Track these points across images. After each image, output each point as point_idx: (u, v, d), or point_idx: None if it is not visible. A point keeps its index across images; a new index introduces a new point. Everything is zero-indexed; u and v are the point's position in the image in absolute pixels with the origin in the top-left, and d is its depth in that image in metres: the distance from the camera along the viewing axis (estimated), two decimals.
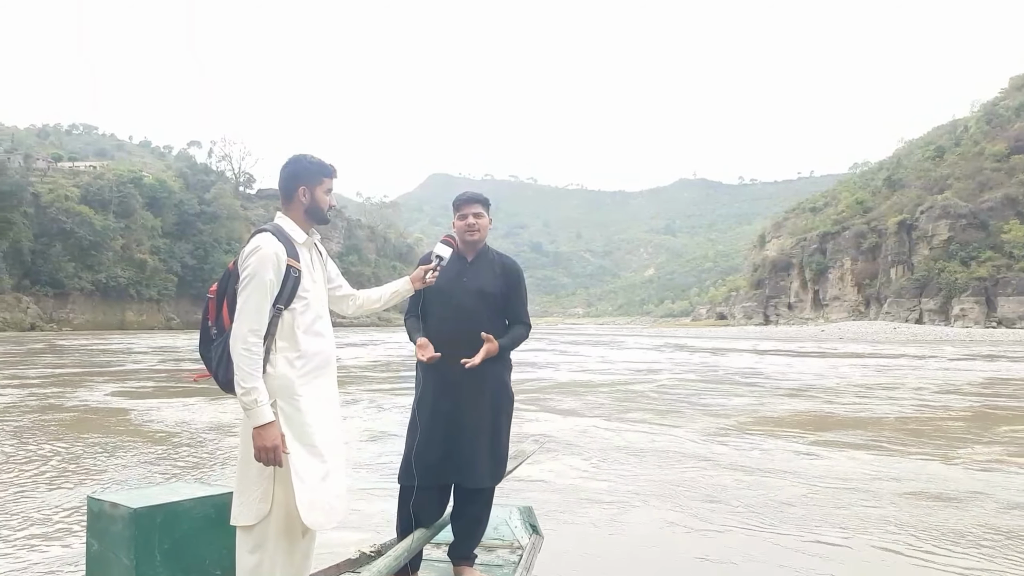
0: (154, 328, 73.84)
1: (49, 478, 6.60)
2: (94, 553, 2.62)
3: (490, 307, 3.14)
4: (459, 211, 3.22)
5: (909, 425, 10.34)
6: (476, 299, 3.11)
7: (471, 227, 3.17)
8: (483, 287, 3.13)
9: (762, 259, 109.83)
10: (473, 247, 3.21)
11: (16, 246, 66.59)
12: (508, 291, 3.20)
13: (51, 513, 5.40)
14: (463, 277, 3.12)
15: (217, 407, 11.61)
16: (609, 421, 10.54)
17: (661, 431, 9.63)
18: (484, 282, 3.15)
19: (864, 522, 5.28)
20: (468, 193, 3.28)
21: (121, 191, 79.66)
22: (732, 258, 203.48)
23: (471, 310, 3.08)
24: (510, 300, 3.21)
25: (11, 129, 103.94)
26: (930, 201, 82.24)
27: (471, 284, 3.12)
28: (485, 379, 3.07)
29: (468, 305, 3.09)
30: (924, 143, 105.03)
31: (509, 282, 3.21)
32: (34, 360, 24.53)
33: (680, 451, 8.14)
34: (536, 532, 3.77)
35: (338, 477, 2.52)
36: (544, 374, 19.67)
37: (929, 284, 77.12)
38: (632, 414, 11.45)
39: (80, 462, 7.32)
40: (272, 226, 2.53)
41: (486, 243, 3.28)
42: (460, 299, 3.09)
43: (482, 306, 3.11)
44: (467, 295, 3.10)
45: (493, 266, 3.22)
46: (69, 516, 5.29)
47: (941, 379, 18.49)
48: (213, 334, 2.49)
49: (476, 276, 3.15)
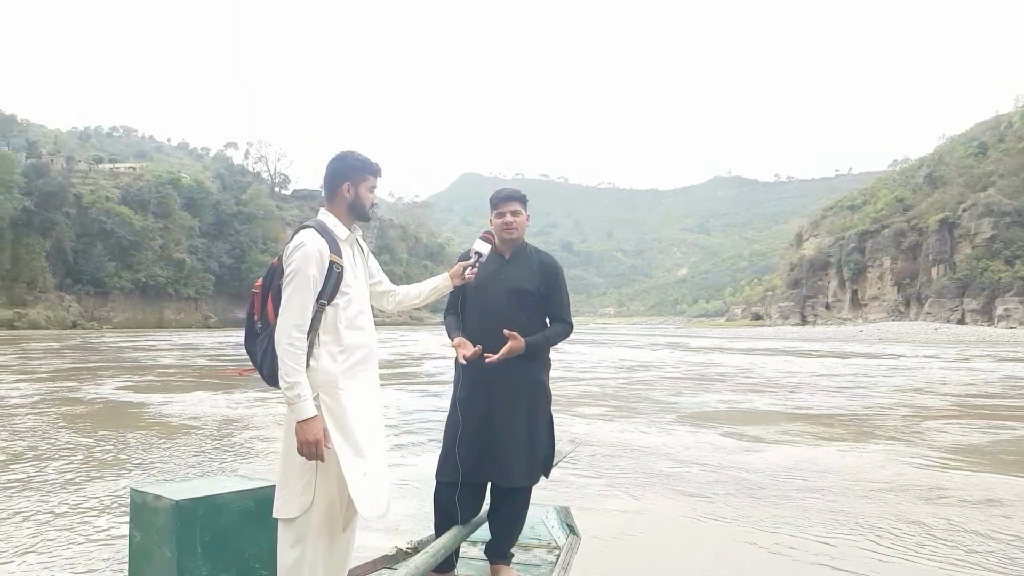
0: (192, 326, 75.03)
1: (84, 470, 6.72)
2: (136, 544, 2.65)
3: (527, 305, 3.12)
4: (496, 209, 3.19)
5: (835, 419, 10.96)
6: (513, 297, 3.09)
7: (508, 225, 3.14)
8: (521, 285, 3.12)
9: (799, 258, 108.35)
10: (511, 245, 3.19)
11: (59, 246, 68.12)
12: (547, 289, 3.17)
13: (93, 504, 5.50)
14: (500, 275, 3.10)
15: (228, 399, 12.10)
16: (559, 416, 10.84)
17: (602, 424, 10.08)
18: (522, 279, 3.13)
19: (733, 507, 5.69)
20: (506, 190, 3.25)
21: (160, 192, 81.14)
22: (768, 257, 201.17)
23: (508, 308, 3.07)
24: (550, 298, 3.19)
25: (54, 132, 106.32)
26: (972, 199, 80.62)
27: (508, 282, 3.11)
28: (520, 378, 3.06)
29: (505, 303, 3.08)
30: (966, 139, 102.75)
31: (547, 279, 3.18)
32: (63, 355, 25.07)
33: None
34: (573, 532, 3.74)
35: (381, 471, 2.52)
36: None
37: (971, 284, 75.58)
38: (581, 408, 11.90)
39: (113, 455, 7.45)
40: (315, 222, 2.55)
41: (524, 240, 3.25)
42: (497, 296, 3.08)
43: (519, 304, 3.10)
44: (504, 293, 3.09)
45: (531, 263, 3.19)
46: (110, 507, 5.37)
47: (927, 378, 18.48)
48: (258, 329, 2.52)
49: (514, 274, 3.13)
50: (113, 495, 5.76)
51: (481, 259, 2.98)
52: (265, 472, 6.50)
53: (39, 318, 60.46)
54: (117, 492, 5.80)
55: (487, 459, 3.03)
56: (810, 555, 4.50)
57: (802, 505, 5.72)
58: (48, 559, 4.28)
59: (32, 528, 4.91)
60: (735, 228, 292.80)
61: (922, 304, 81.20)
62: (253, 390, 13.52)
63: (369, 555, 3.27)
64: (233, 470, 6.78)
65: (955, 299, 76.71)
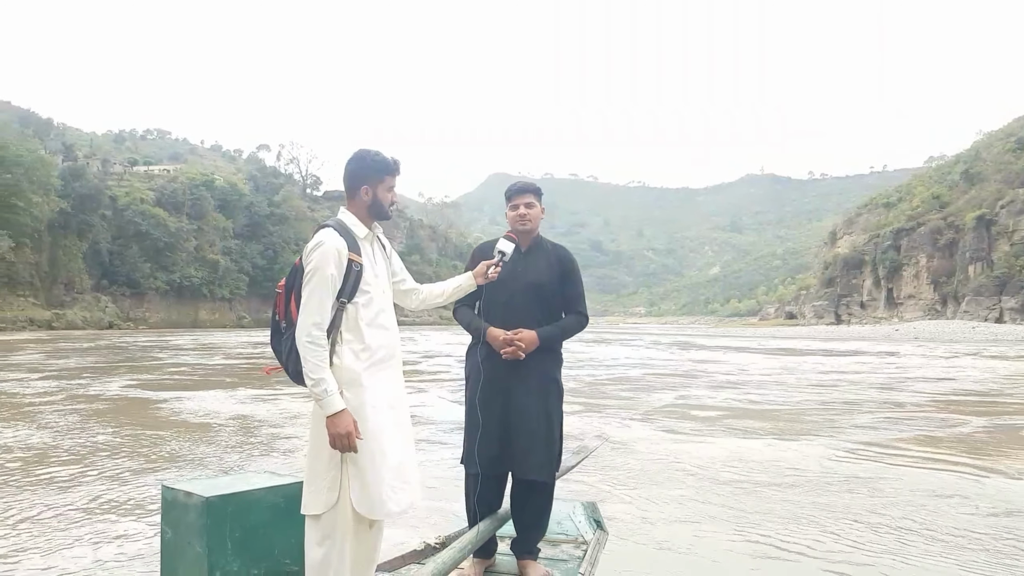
0: (226, 326, 75.94)
1: (111, 466, 6.83)
2: (168, 540, 2.69)
3: (544, 297, 3.15)
4: (511, 201, 3.23)
5: (779, 414, 11.54)
6: (531, 290, 3.12)
7: (523, 217, 3.17)
8: (538, 278, 3.15)
9: (833, 256, 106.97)
10: (526, 237, 3.21)
11: (95, 247, 69.38)
12: (563, 281, 3.20)
13: (120, 501, 5.59)
14: (518, 268, 3.12)
15: (233, 396, 12.52)
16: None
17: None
18: (539, 272, 3.16)
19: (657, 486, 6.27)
20: (520, 183, 3.29)
21: (194, 194, 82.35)
22: (801, 256, 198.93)
23: (526, 301, 3.11)
24: (565, 290, 3.21)
25: (90, 135, 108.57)
26: (1011, 195, 79.02)
27: (526, 275, 3.13)
28: (532, 371, 3.07)
29: (522, 296, 3.11)
30: (1004, 135, 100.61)
31: (564, 272, 3.21)
32: (89, 353, 25.53)
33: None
34: (601, 528, 3.74)
35: (405, 468, 2.54)
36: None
37: (1010, 282, 74.05)
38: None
39: (130, 450, 7.57)
40: (334, 221, 2.58)
41: (539, 234, 3.28)
42: (515, 290, 3.11)
43: (537, 297, 3.13)
44: (522, 286, 3.12)
45: (548, 256, 3.22)
46: (139, 504, 5.46)
47: (904, 375, 18.92)
48: (282, 327, 2.55)
49: (531, 267, 3.16)
50: (142, 493, 5.85)
51: (505, 258, 3.01)
52: (280, 467, 6.59)
53: (76, 319, 61.58)
54: (144, 489, 5.89)
55: (506, 451, 3.05)
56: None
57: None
58: (80, 554, 4.35)
59: (61, 525, 5.00)
60: (768, 226, 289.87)
61: (959, 303, 79.74)
62: (263, 388, 13.83)
63: (398, 550, 3.29)
64: (241, 467, 6.88)
65: (993, 297, 75.24)
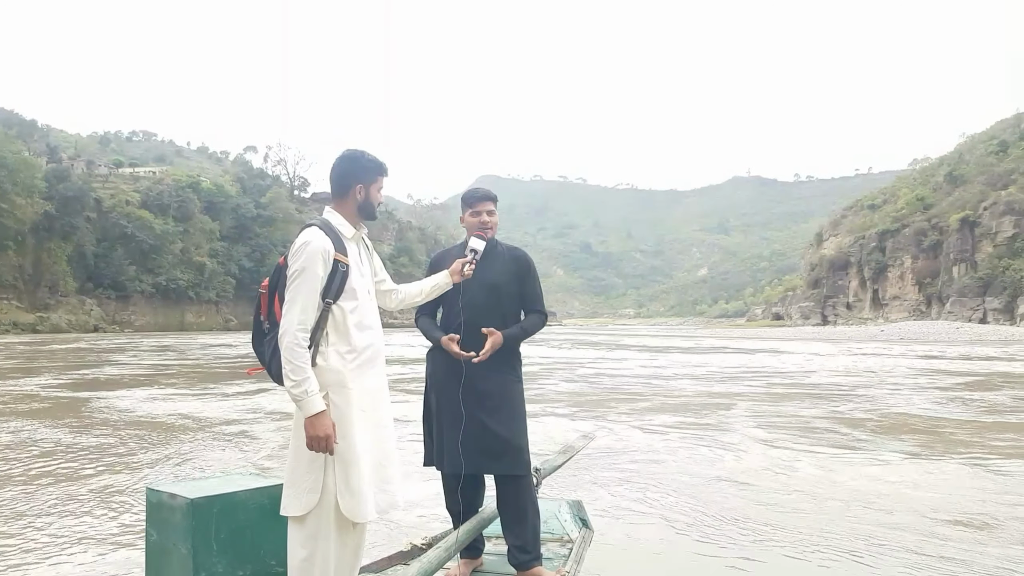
0: (212, 329, 75.60)
1: (92, 467, 6.80)
2: (153, 542, 2.68)
3: (503, 299, 3.20)
4: (472, 208, 3.27)
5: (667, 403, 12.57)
6: (488, 292, 3.17)
7: (485, 224, 3.23)
8: (495, 280, 3.19)
9: (819, 258, 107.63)
10: None
11: (80, 250, 68.84)
12: (520, 281, 3.26)
13: (101, 501, 5.56)
14: (477, 271, 3.16)
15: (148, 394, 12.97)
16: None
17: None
18: (496, 275, 3.21)
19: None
20: (481, 190, 3.34)
21: (180, 196, 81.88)
22: (788, 257, 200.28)
23: (483, 303, 3.15)
24: (524, 290, 3.27)
25: (74, 137, 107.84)
26: (994, 197, 79.79)
27: (483, 278, 3.17)
28: (495, 370, 3.10)
29: (480, 299, 3.15)
30: (987, 137, 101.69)
31: (520, 272, 3.27)
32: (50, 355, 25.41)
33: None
34: (586, 526, 3.76)
35: (389, 469, 2.55)
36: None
37: (993, 283, 74.76)
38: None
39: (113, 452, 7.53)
40: (320, 221, 2.57)
41: (494, 237, 3.33)
42: (473, 293, 3.15)
43: (494, 299, 3.18)
44: (480, 289, 3.16)
45: (504, 258, 3.27)
46: (119, 503, 5.44)
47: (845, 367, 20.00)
48: (265, 328, 2.55)
49: (488, 269, 3.19)
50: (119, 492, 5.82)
51: (477, 256, 3.08)
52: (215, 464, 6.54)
53: (61, 322, 61.15)
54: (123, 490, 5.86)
55: (476, 450, 3.06)
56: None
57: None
58: (64, 559, 4.33)
59: (38, 528, 4.97)
60: (755, 228, 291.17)
61: (943, 303, 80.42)
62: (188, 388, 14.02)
63: (384, 551, 3.30)
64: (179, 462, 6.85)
65: (977, 298, 75.93)
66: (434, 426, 3.16)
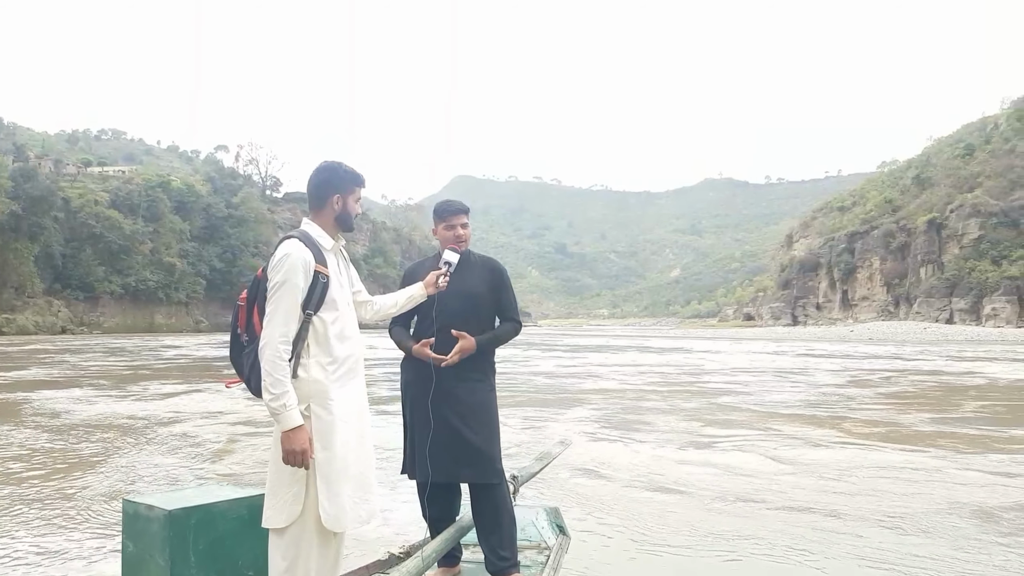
0: (183, 330, 74.73)
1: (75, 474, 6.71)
2: (129, 554, 2.65)
3: (477, 309, 3.21)
4: (446, 221, 3.28)
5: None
6: (463, 302, 3.18)
7: (459, 238, 3.25)
8: (470, 290, 3.20)
9: (789, 259, 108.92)
10: None
11: (47, 250, 67.67)
12: (495, 291, 3.28)
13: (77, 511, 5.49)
14: (452, 282, 3.17)
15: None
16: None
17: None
18: (470, 285, 3.22)
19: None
20: (454, 204, 3.35)
21: (150, 195, 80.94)
22: (759, 258, 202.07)
23: (458, 313, 3.15)
24: (499, 299, 3.29)
25: (41, 135, 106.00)
26: (960, 199, 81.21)
27: (459, 288, 3.18)
28: (468, 377, 3.12)
29: (455, 308, 3.15)
30: (954, 141, 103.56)
31: (495, 282, 3.29)
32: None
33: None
34: (563, 532, 3.78)
35: (369, 479, 2.55)
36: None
37: (960, 284, 76.09)
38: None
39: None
40: (299, 233, 2.56)
41: (468, 248, 3.36)
42: (448, 303, 3.15)
43: (469, 308, 3.18)
44: (455, 299, 3.16)
45: (477, 269, 3.29)
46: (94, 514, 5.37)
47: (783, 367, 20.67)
48: (244, 341, 2.52)
49: (462, 280, 3.20)
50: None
51: (451, 268, 3.09)
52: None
53: (28, 323, 60.08)
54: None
55: (449, 459, 3.06)
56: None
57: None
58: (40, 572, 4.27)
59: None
60: (726, 229, 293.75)
61: (911, 304, 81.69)
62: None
63: (362, 561, 3.30)
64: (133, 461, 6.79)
65: (944, 299, 77.22)
66: (411, 435, 3.17)
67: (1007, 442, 8.70)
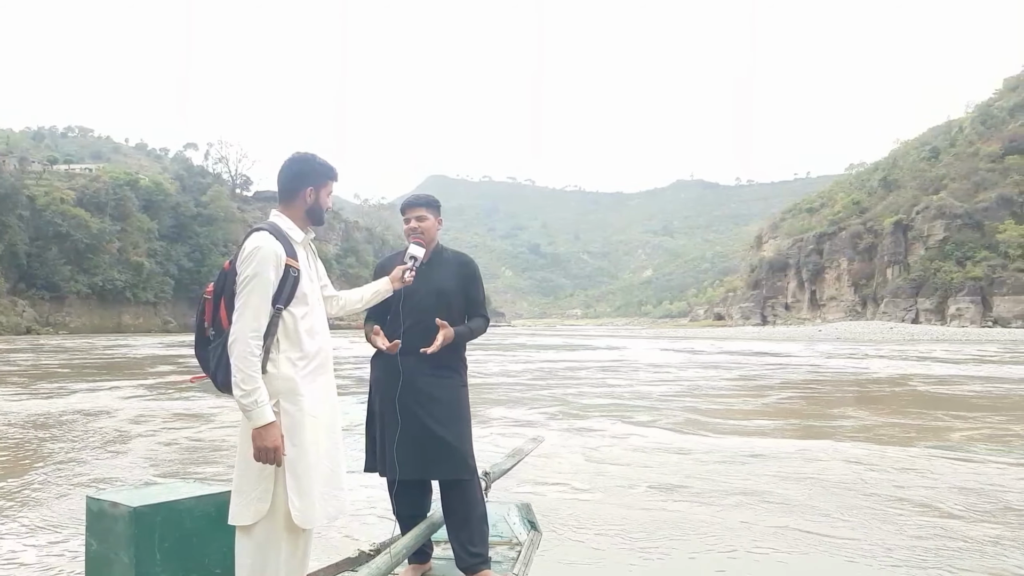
0: (151, 331, 73.67)
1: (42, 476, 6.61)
2: (93, 553, 2.61)
3: (449, 304, 3.21)
4: (404, 215, 3.31)
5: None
6: (435, 297, 3.18)
7: (414, 231, 3.25)
8: (441, 285, 3.21)
9: (759, 260, 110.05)
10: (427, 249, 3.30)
11: (12, 249, 66.44)
12: (465, 286, 3.29)
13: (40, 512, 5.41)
14: (423, 277, 3.18)
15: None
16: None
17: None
18: (441, 280, 3.22)
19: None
20: (412, 197, 3.38)
21: (117, 194, 79.70)
22: (729, 259, 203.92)
23: (435, 307, 3.15)
24: (469, 294, 3.30)
25: (6, 132, 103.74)
26: (925, 201, 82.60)
27: (429, 283, 3.19)
28: (440, 371, 3.12)
29: (427, 304, 3.15)
30: (919, 144, 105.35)
31: (466, 277, 3.30)
32: None
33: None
34: (535, 528, 3.79)
35: (339, 475, 2.53)
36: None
37: (925, 284, 77.39)
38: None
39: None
40: (269, 225, 2.51)
41: (440, 243, 3.35)
42: (420, 299, 3.16)
43: (441, 304, 3.18)
44: (426, 294, 3.17)
45: (450, 264, 3.30)
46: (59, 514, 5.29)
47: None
48: (210, 335, 2.46)
49: (433, 275, 3.22)
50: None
51: (417, 263, 3.09)
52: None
53: None
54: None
55: (419, 455, 3.05)
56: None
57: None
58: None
59: None
60: (698, 230, 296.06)
61: (878, 304, 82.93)
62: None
63: (331, 558, 3.28)
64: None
65: (909, 299, 78.50)
66: (376, 431, 3.15)
67: (749, 428, 9.80)
